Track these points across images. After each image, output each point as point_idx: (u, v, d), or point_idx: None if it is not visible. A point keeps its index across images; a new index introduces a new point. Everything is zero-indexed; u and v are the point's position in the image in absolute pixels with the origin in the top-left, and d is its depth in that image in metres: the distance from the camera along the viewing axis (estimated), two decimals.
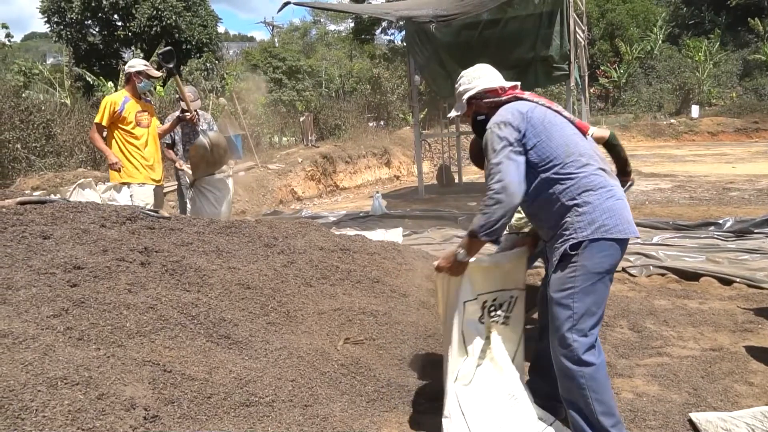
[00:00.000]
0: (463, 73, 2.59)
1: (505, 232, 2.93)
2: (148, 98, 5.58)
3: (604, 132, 2.93)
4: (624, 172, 2.88)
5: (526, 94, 2.46)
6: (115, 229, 3.58)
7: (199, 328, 2.78)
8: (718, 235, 6.00)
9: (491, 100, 2.45)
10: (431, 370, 3.01)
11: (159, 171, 5.41)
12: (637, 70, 26.97)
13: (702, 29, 30.23)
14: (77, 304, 2.59)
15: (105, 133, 5.20)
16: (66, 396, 1.95)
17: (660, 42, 28.62)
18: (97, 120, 5.15)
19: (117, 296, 2.76)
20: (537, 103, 2.40)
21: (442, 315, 2.57)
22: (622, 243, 2.27)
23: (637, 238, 2.36)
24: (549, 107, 2.41)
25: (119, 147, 5.18)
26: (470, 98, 2.49)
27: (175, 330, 2.68)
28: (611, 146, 2.94)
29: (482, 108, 2.47)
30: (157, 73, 5.43)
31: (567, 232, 2.24)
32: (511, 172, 2.20)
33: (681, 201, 8.80)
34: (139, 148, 5.21)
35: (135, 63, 5.33)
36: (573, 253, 2.22)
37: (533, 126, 2.28)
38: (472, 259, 2.37)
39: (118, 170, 5.13)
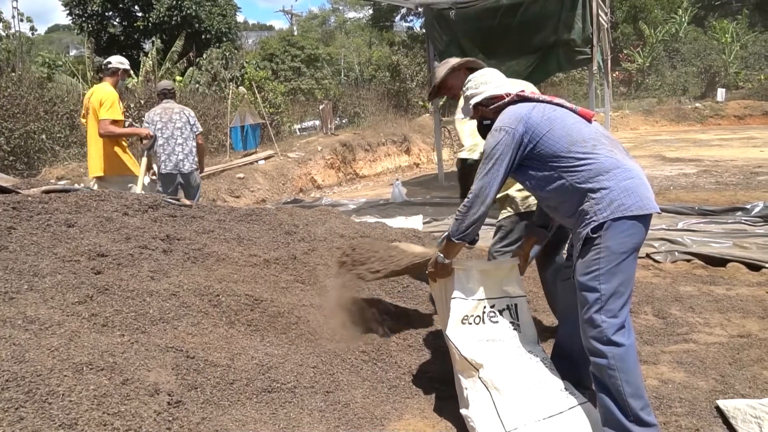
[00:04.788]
0: (470, 77, 2.67)
1: (510, 213, 3.16)
2: None
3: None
4: None
5: (528, 93, 2.55)
6: (137, 217, 3.61)
7: (220, 315, 2.80)
8: (745, 220, 5.87)
9: (496, 105, 2.53)
10: None
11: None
12: (661, 53, 26.30)
13: (729, 10, 29.43)
14: (101, 291, 2.62)
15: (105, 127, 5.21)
16: (91, 381, 1.97)
17: (685, 24, 27.87)
18: (113, 116, 5.14)
19: (140, 283, 2.79)
20: (537, 100, 2.48)
21: (441, 317, 2.70)
22: (645, 220, 2.27)
23: (659, 213, 2.33)
24: (549, 102, 2.48)
25: (115, 141, 5.29)
26: (476, 104, 2.59)
27: (197, 317, 2.70)
28: None
29: (488, 114, 2.56)
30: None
31: (587, 217, 2.26)
32: (493, 185, 2.36)
33: (707, 186, 8.62)
34: (125, 141, 5.51)
35: (123, 60, 5.56)
36: (595, 235, 2.24)
37: (534, 125, 2.36)
38: (462, 264, 2.58)
39: (153, 137, 5.49)
